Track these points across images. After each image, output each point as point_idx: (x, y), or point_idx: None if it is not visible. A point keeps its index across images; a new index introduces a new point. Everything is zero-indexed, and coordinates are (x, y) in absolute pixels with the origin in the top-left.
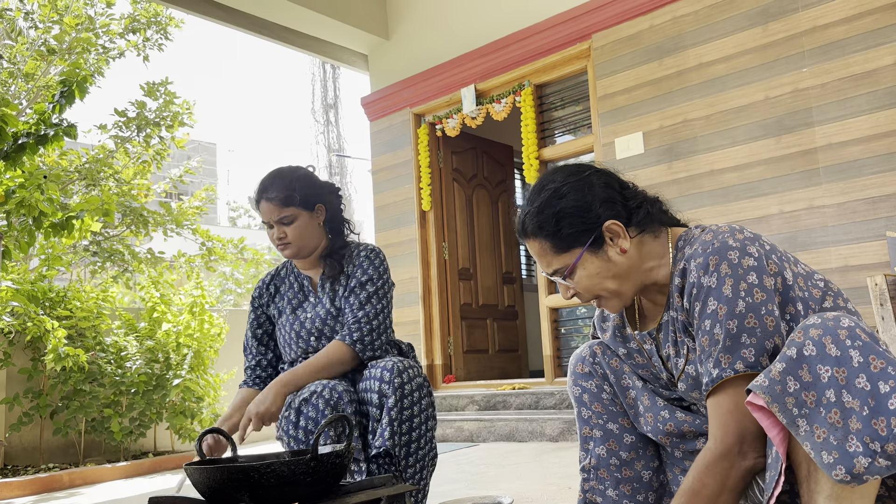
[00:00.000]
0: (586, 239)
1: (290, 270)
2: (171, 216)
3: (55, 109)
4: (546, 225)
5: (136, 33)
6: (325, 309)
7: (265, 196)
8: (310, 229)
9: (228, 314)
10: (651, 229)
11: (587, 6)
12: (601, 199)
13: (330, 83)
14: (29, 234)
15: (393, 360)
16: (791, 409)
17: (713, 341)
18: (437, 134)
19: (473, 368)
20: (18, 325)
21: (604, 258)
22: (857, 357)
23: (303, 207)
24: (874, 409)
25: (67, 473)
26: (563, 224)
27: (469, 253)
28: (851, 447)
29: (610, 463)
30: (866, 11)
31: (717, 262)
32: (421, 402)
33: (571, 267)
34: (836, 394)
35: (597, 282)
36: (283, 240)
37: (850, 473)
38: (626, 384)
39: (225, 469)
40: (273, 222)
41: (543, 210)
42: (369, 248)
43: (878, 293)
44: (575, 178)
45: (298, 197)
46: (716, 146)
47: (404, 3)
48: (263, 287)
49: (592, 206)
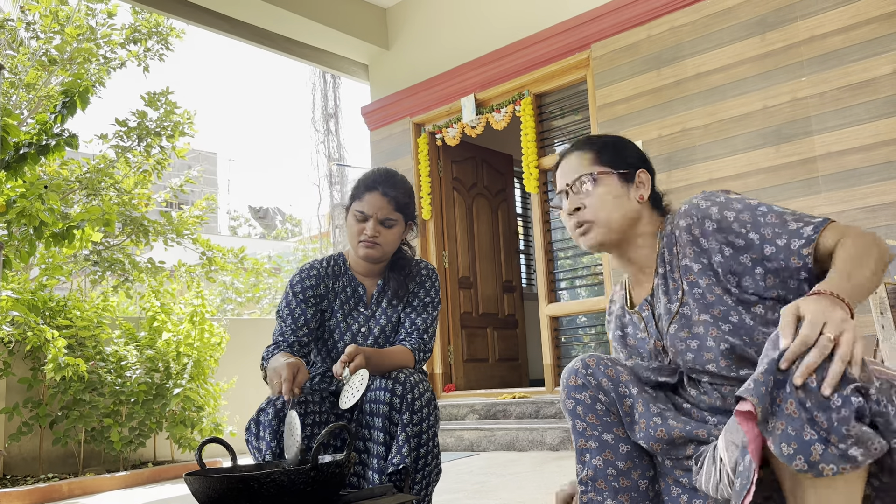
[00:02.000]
0: (624, 168)
1: (344, 271)
2: (171, 225)
3: (57, 119)
4: (604, 143)
5: (137, 43)
6: (379, 326)
7: (383, 189)
8: (398, 241)
9: (229, 323)
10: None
11: (586, 16)
12: (645, 159)
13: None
14: (29, 243)
15: (405, 372)
16: (767, 407)
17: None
18: (437, 143)
19: (473, 377)
20: (18, 335)
21: (624, 191)
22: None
23: (405, 219)
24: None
25: (67, 483)
26: (617, 147)
27: (469, 261)
28: (807, 435)
29: (607, 473)
30: (863, 21)
31: (708, 199)
32: (430, 419)
33: (598, 174)
34: (791, 386)
35: (605, 203)
36: (376, 239)
37: (808, 462)
38: (623, 392)
39: (225, 478)
40: (375, 218)
41: (609, 138)
42: (429, 266)
43: (878, 301)
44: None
45: (411, 209)
46: (715, 155)
47: (404, 14)
48: (320, 277)
49: (640, 158)
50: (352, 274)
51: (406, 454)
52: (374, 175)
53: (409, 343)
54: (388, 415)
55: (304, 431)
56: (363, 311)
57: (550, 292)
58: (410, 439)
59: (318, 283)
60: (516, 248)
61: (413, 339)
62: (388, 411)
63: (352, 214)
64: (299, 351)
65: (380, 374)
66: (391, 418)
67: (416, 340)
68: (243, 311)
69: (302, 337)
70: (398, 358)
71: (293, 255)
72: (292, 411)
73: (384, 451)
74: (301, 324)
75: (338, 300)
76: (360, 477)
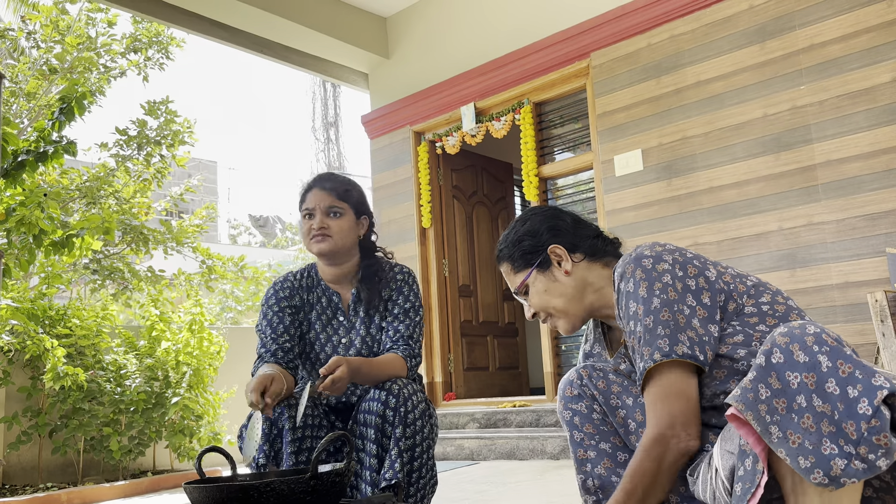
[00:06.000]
0: (535, 259)
1: (317, 282)
2: (171, 234)
3: (54, 126)
4: (508, 248)
5: (137, 52)
6: (360, 337)
7: (320, 184)
8: (351, 234)
9: (228, 332)
10: (599, 258)
11: (585, 25)
12: (549, 227)
13: (330, 101)
14: (29, 252)
15: (399, 384)
16: (764, 416)
17: (637, 339)
18: (437, 151)
19: (474, 386)
20: (18, 344)
21: (550, 278)
22: (825, 362)
23: (353, 210)
24: (843, 412)
25: (66, 493)
26: (518, 246)
27: (469, 270)
28: (827, 450)
29: (612, 482)
30: (863, 29)
31: (633, 269)
32: (423, 431)
33: (523, 284)
34: (807, 399)
35: (546, 299)
36: (325, 231)
37: (829, 476)
38: (615, 404)
39: (224, 487)
40: (320, 210)
41: (508, 236)
42: (405, 270)
43: (879, 309)
44: (538, 212)
45: (355, 197)
46: (715, 163)
47: (404, 23)
48: (294, 289)
49: (541, 232)
50: (324, 284)
51: (398, 469)
52: (315, 177)
53: (398, 350)
54: (381, 427)
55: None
56: (342, 322)
57: None
58: (403, 454)
59: (292, 295)
60: None
61: (401, 346)
62: (381, 423)
63: (301, 218)
64: (283, 357)
65: (373, 384)
66: (384, 431)
67: (404, 348)
68: (243, 320)
69: (284, 343)
70: (390, 367)
71: (293, 263)
72: (257, 412)
73: (377, 463)
74: (281, 331)
75: (314, 311)
76: (354, 489)
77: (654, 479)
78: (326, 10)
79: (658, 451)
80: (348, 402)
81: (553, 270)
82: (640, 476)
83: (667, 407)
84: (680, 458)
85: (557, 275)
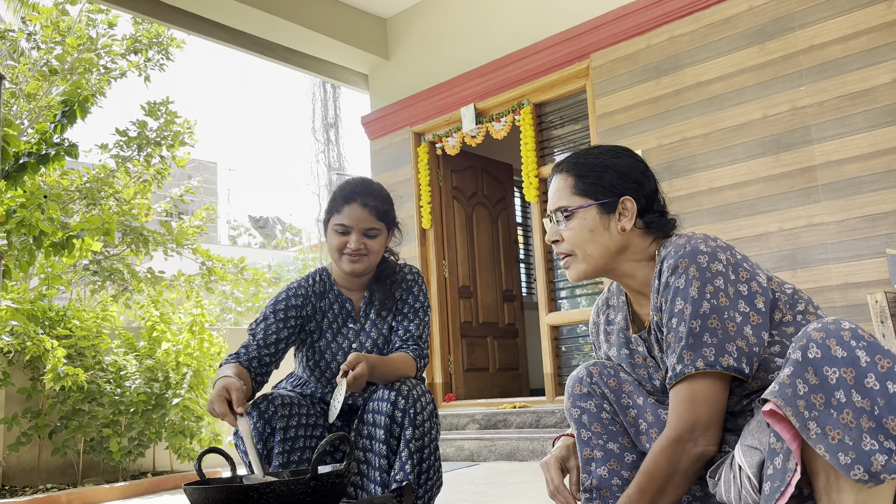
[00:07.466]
0: (604, 197)
1: (330, 288)
2: (171, 235)
3: (56, 129)
4: (583, 168)
5: (137, 54)
6: (371, 339)
7: (362, 200)
8: (383, 251)
9: (228, 333)
10: (653, 232)
11: (585, 26)
12: (636, 179)
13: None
14: (29, 253)
15: (408, 384)
16: (803, 411)
17: (678, 338)
18: (436, 152)
19: (474, 387)
20: (18, 345)
21: (604, 223)
22: (863, 357)
23: (387, 227)
24: (884, 407)
25: (66, 494)
26: (597, 173)
27: (469, 271)
28: (867, 446)
29: (612, 483)
30: (863, 30)
31: (687, 264)
32: (431, 432)
33: (575, 209)
34: (846, 394)
35: (585, 239)
36: (361, 251)
37: (869, 472)
38: (626, 403)
39: (224, 489)
40: (358, 231)
41: (595, 156)
42: (413, 270)
43: (879, 310)
44: (632, 156)
45: (391, 215)
46: (714, 164)
47: (404, 24)
48: (308, 296)
49: (628, 178)
50: (337, 290)
51: (409, 470)
52: (350, 186)
53: (408, 350)
54: (390, 428)
55: (296, 443)
56: (352, 327)
57: (551, 301)
58: (413, 455)
59: (304, 304)
60: (516, 257)
61: (411, 346)
62: (390, 424)
63: (332, 229)
64: (256, 369)
65: (384, 382)
66: (392, 431)
67: (414, 348)
68: (243, 321)
69: (264, 356)
70: (401, 366)
71: (293, 264)
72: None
73: (386, 464)
74: (270, 342)
75: (325, 319)
76: (359, 489)
77: (667, 480)
78: (326, 12)
79: (674, 453)
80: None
81: (611, 219)
82: (654, 475)
83: (693, 411)
84: (696, 462)
85: (612, 225)
